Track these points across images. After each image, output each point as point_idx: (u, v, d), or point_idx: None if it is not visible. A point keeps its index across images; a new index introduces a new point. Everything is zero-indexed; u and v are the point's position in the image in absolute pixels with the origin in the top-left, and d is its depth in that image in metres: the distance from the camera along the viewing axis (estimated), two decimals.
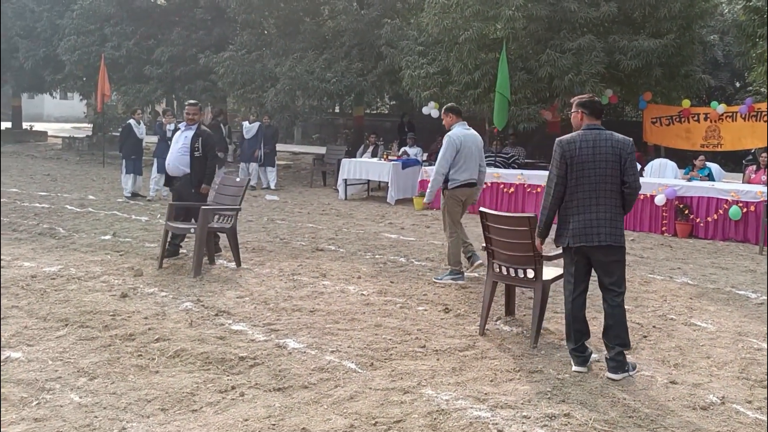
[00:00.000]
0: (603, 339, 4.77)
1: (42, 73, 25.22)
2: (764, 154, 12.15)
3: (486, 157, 14.40)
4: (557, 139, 4.95)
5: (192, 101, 8.19)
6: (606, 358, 4.72)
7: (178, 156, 7.93)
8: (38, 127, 32.65)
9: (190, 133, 7.92)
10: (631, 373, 4.67)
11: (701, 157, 12.51)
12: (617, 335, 4.68)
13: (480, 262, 7.32)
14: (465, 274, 7.38)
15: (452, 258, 7.37)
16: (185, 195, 7.94)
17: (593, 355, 5.05)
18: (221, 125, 17.29)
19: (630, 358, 5.04)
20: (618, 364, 4.66)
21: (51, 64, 24.51)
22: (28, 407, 3.95)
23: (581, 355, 4.80)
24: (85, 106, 34.54)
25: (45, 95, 32.40)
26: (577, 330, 4.80)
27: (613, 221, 4.73)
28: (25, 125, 31.75)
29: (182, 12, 22.00)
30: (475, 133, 7.61)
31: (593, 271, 4.88)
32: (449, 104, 7.79)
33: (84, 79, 23.98)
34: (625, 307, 6.03)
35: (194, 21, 21.66)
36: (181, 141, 7.98)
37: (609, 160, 4.75)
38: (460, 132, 7.41)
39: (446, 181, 7.42)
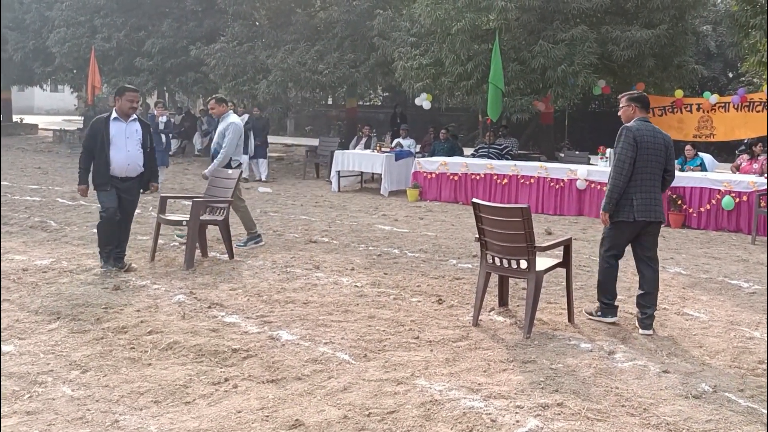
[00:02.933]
0: (640, 301, 5.55)
1: (32, 66, 25.06)
2: (760, 144, 12.18)
3: (479, 148, 14.50)
4: (625, 126, 5.57)
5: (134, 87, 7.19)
6: (641, 317, 5.49)
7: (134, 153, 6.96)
8: (29, 120, 32.46)
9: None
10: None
11: (688, 147, 12.53)
12: (654, 297, 5.57)
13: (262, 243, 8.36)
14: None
15: (247, 224, 8.33)
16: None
17: (584, 345, 5.06)
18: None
19: (623, 347, 5.06)
20: (651, 320, 5.49)
21: (41, 56, 24.35)
22: (20, 400, 3.93)
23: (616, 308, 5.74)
24: (76, 98, 34.42)
25: (35, 88, 32.22)
26: (615, 292, 5.76)
27: (661, 201, 5.73)
28: (16, 118, 31.55)
29: (173, 3, 21.87)
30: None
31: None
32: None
33: (74, 71, 23.85)
34: (618, 297, 6.10)
35: (185, 12, 21.54)
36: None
37: (661, 149, 5.56)
38: None
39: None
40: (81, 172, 6.91)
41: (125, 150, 6.85)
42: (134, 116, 6.99)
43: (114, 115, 6.88)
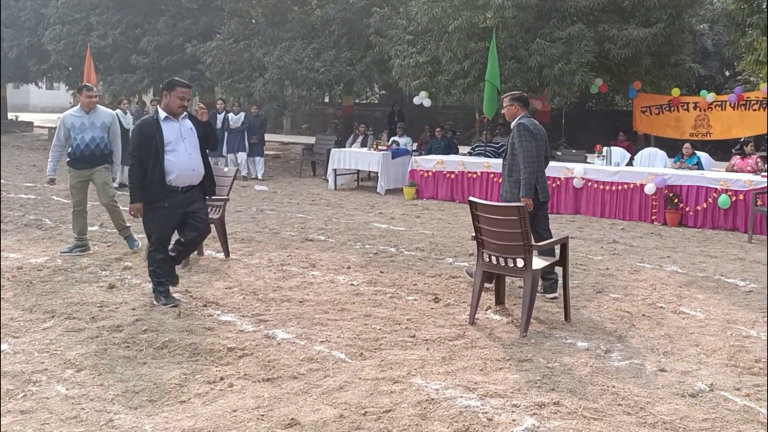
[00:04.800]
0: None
1: (27, 63, 24.95)
2: (750, 144, 12.19)
3: (475, 146, 14.48)
4: (521, 123, 6.46)
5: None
6: (547, 284, 6.27)
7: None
8: (24, 117, 32.36)
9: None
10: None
11: (687, 145, 12.54)
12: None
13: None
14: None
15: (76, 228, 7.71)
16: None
17: (581, 344, 5.05)
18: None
19: (620, 345, 5.05)
20: (556, 284, 6.25)
21: (36, 53, 24.25)
22: (14, 399, 3.91)
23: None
24: (71, 96, 34.27)
25: (30, 85, 32.08)
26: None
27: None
28: (11, 116, 31.45)
29: (168, 0, 21.79)
30: None
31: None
32: None
33: (70, 68, 23.73)
34: (615, 295, 6.08)
35: (181, 10, 21.46)
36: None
37: (544, 139, 6.59)
38: None
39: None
40: (134, 188, 5.67)
41: (186, 154, 5.72)
42: (184, 113, 5.93)
43: (163, 114, 5.74)
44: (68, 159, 7.59)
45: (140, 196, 5.67)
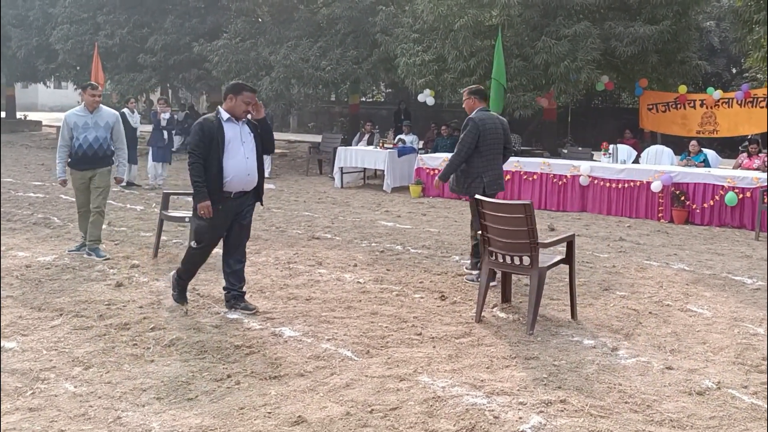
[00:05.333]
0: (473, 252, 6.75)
1: (35, 63, 25.06)
2: (754, 145, 12.14)
3: None
4: (470, 117, 6.81)
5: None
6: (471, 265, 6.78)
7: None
8: (32, 116, 32.53)
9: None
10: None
11: (693, 142, 12.50)
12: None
13: None
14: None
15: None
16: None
17: (588, 342, 5.05)
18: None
19: (626, 343, 5.05)
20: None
21: (44, 53, 24.35)
22: (22, 397, 3.94)
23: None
24: (79, 95, 34.39)
25: (39, 84, 32.22)
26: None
27: (503, 174, 7.06)
28: (19, 115, 31.61)
29: (175, 0, 21.86)
30: None
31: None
32: None
33: (78, 68, 23.84)
34: (621, 293, 6.07)
35: (187, 9, 21.52)
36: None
37: (500, 131, 6.87)
38: None
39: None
40: (198, 186, 5.40)
41: (244, 158, 5.53)
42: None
43: (225, 115, 5.54)
44: (69, 160, 7.48)
45: (206, 194, 5.41)
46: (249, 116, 5.64)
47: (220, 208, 5.46)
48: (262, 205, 5.97)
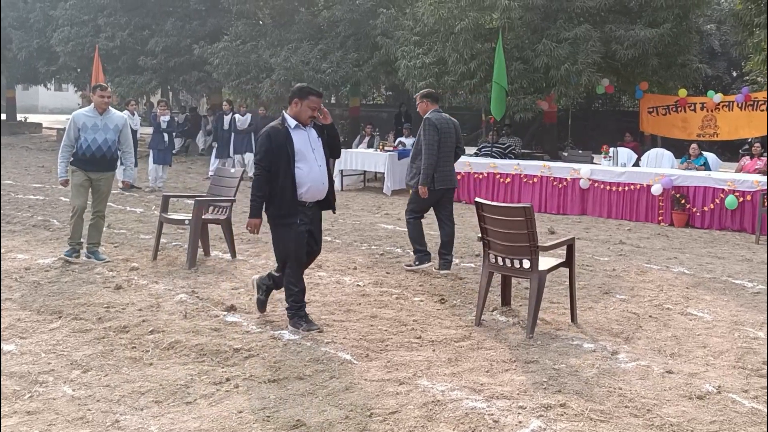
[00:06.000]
0: (441, 250, 7.25)
1: (36, 65, 25.12)
2: (757, 144, 12.14)
3: (482, 147, 14.47)
4: (427, 118, 7.21)
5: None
6: (442, 261, 7.18)
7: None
8: (33, 118, 32.57)
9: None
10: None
11: (694, 146, 12.50)
12: (451, 245, 7.37)
13: None
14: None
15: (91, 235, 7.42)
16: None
17: (588, 345, 5.04)
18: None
19: (626, 347, 5.03)
20: (450, 263, 7.23)
21: (45, 55, 24.40)
22: (20, 400, 3.92)
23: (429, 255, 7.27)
24: (80, 97, 34.40)
25: (39, 87, 32.31)
26: (425, 242, 7.38)
27: (455, 172, 7.55)
28: (20, 117, 31.64)
29: (176, 2, 21.89)
30: None
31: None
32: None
33: (78, 70, 23.89)
34: (621, 297, 6.06)
35: (188, 11, 21.56)
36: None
37: (452, 132, 7.36)
38: None
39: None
40: (256, 202, 5.20)
41: (316, 165, 5.28)
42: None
43: (293, 122, 5.28)
44: (73, 159, 7.29)
45: (260, 212, 5.19)
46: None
47: (298, 221, 5.19)
48: (334, 212, 5.73)
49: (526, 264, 5.27)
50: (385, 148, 14.69)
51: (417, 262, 7.26)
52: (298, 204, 5.19)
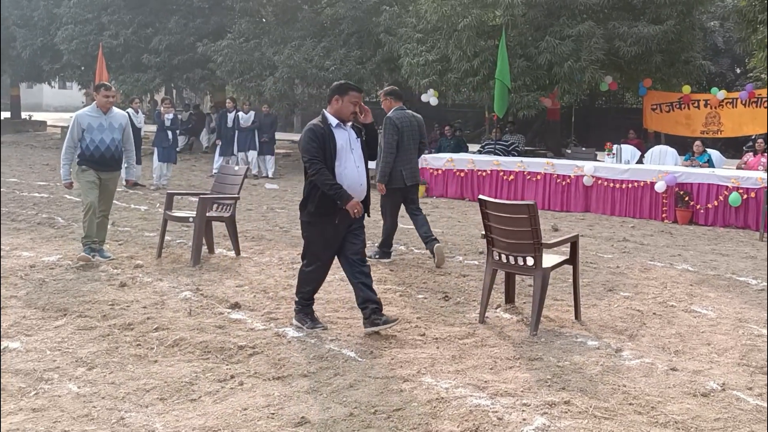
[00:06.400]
0: (422, 235, 7.41)
1: (40, 63, 25.14)
2: (760, 140, 12.12)
3: (485, 144, 14.46)
4: (388, 116, 7.37)
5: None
6: (429, 243, 7.36)
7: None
8: (37, 116, 32.60)
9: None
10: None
11: (697, 143, 12.48)
12: (429, 230, 7.49)
13: None
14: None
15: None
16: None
17: (592, 342, 5.04)
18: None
19: (630, 344, 5.03)
20: (436, 240, 7.40)
21: (49, 53, 24.43)
22: (26, 397, 3.94)
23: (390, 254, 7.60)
24: (84, 95, 34.47)
25: (44, 85, 32.33)
26: (393, 235, 7.62)
27: (419, 168, 7.74)
28: (24, 115, 31.70)
29: (179, 0, 21.90)
30: None
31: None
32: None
33: (82, 68, 23.90)
34: (625, 294, 6.05)
35: (192, 9, 21.56)
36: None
37: (416, 128, 7.50)
38: None
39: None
40: (336, 188, 5.00)
41: (355, 166, 5.14)
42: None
43: (334, 120, 5.14)
44: (80, 159, 7.20)
45: (348, 194, 5.00)
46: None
47: (336, 221, 5.07)
48: (368, 216, 5.45)
49: (530, 261, 5.27)
50: None
51: (377, 256, 7.51)
52: (336, 206, 5.04)
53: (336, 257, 5.29)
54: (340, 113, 5.14)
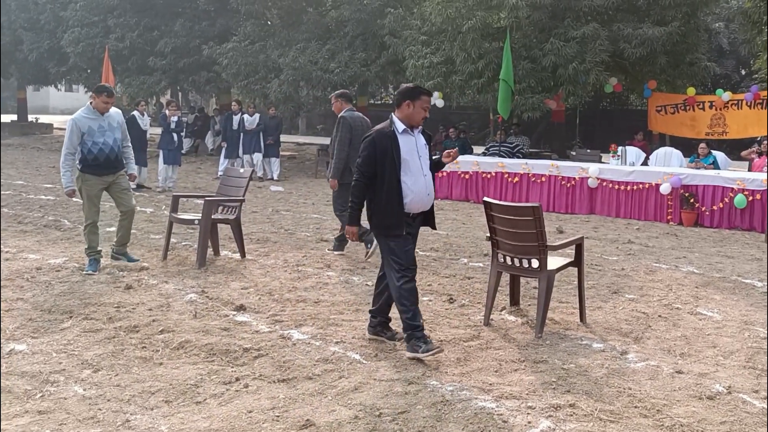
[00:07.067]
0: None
1: (47, 66, 25.24)
2: (765, 142, 12.08)
3: (490, 147, 14.45)
4: (342, 116, 7.73)
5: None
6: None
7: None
8: (44, 119, 32.72)
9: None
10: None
11: (702, 144, 12.46)
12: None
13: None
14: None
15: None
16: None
17: (597, 345, 5.03)
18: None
19: (636, 347, 5.02)
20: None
21: (55, 56, 24.52)
22: (32, 400, 3.95)
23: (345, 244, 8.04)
24: (90, 98, 34.57)
25: (50, 87, 32.43)
26: None
27: None
28: (31, 117, 31.81)
29: (185, 3, 21.96)
30: None
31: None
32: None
33: (88, 71, 23.98)
34: (630, 296, 6.05)
35: (197, 12, 21.62)
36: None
37: (365, 129, 7.39)
38: None
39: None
40: (353, 208, 4.94)
41: (422, 174, 4.90)
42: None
43: (401, 126, 4.87)
44: (82, 165, 7.00)
45: (357, 219, 4.92)
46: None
47: (404, 233, 4.82)
48: (434, 228, 5.30)
49: (535, 263, 5.27)
50: None
51: (335, 245, 8.07)
52: (404, 215, 4.81)
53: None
54: (410, 119, 4.87)
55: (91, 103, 7.12)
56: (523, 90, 13.54)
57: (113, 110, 7.27)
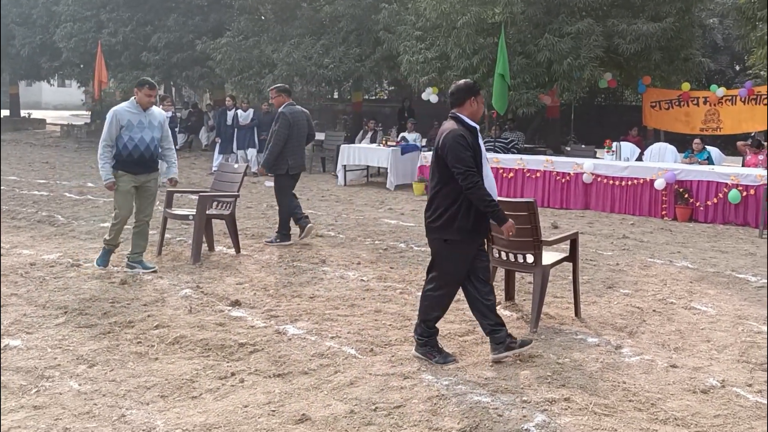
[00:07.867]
0: (303, 214, 8.28)
1: (39, 61, 25.12)
2: (748, 141, 12.11)
3: (485, 142, 14.44)
4: (281, 111, 8.10)
5: None
6: (305, 220, 8.29)
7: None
8: (36, 114, 32.56)
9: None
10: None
11: (697, 140, 12.49)
12: (301, 212, 8.34)
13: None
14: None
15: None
16: None
17: (591, 340, 5.05)
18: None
19: (630, 341, 5.04)
20: (306, 221, 8.30)
21: (48, 51, 24.41)
22: (27, 395, 3.95)
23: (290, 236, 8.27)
24: (83, 93, 34.45)
25: (43, 83, 32.29)
26: (290, 219, 8.38)
27: (305, 157, 8.64)
28: (23, 113, 31.65)
29: None
30: None
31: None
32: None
33: (81, 66, 23.90)
34: (625, 291, 6.06)
35: (191, 7, 21.55)
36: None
37: (304, 122, 8.27)
38: None
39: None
40: (496, 207, 4.51)
41: (492, 176, 4.71)
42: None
43: (473, 124, 4.60)
44: (116, 161, 6.66)
45: (504, 214, 4.57)
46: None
47: (486, 240, 4.67)
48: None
49: (530, 259, 5.28)
50: (388, 143, 14.68)
51: (278, 240, 8.15)
52: (488, 222, 4.54)
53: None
54: (475, 115, 4.58)
55: (134, 97, 6.77)
56: (518, 85, 13.54)
57: (157, 109, 6.95)
